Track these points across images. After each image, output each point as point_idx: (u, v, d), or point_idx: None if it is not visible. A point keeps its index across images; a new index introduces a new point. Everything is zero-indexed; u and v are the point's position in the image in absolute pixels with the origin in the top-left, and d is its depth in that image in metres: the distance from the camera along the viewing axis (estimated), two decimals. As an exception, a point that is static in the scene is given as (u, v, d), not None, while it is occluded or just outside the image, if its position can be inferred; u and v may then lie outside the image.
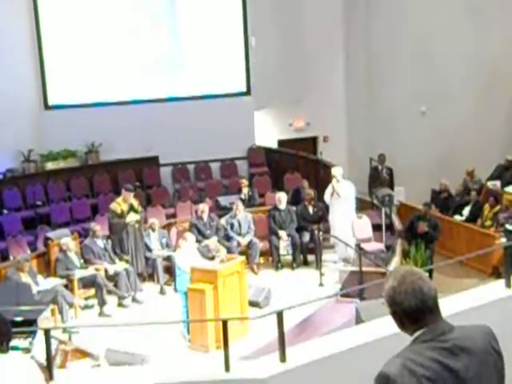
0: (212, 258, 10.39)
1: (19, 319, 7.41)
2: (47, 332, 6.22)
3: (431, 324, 2.63)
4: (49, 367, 6.03)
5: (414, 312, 2.63)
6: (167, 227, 13.23)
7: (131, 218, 11.90)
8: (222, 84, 16.83)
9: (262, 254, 12.87)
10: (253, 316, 9.54)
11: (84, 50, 16.06)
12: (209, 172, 16.67)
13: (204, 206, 12.77)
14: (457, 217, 14.98)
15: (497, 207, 14.26)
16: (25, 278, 10.37)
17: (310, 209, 13.04)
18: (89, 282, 11.13)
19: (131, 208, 11.99)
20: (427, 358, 2.55)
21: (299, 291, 10.80)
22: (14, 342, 6.56)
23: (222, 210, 13.77)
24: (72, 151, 15.98)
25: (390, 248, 12.13)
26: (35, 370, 3.44)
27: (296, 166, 16.33)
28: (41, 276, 11.10)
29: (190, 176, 16.66)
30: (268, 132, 17.97)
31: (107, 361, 8.26)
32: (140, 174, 16.18)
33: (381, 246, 12.38)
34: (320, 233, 12.14)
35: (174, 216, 14.38)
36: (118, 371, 6.92)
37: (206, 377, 6.01)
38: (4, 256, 12.53)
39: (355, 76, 18.21)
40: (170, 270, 11.88)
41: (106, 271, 11.40)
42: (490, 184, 15.57)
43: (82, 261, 11.52)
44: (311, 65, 17.59)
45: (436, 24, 17.31)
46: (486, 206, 14.49)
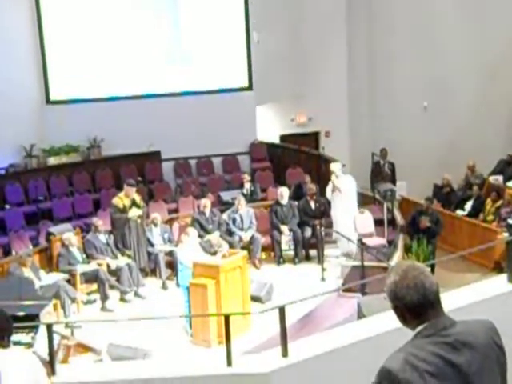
0: (214, 253, 10.37)
1: (22, 314, 7.42)
2: (49, 327, 6.24)
3: (433, 319, 2.63)
4: (51, 362, 6.05)
5: (416, 307, 2.62)
6: (169, 222, 13.24)
7: (133, 213, 11.89)
8: (224, 79, 16.82)
9: (264, 249, 12.88)
10: (255, 311, 9.55)
11: (86, 45, 16.06)
12: (211, 167, 16.67)
13: (206, 201, 12.77)
14: (459, 211, 14.96)
15: (499, 202, 14.25)
16: (27, 273, 10.38)
17: (312, 204, 13.03)
18: (91, 277, 11.13)
19: (133, 203, 11.99)
20: (429, 353, 2.54)
21: (301, 286, 10.78)
22: (17, 337, 6.58)
23: (224, 205, 13.78)
24: (74, 146, 15.98)
25: (392, 243, 12.11)
26: (37, 365, 3.44)
27: (298, 161, 16.31)
28: (43, 271, 11.11)
29: (192, 171, 16.66)
30: (270, 127, 17.95)
31: (109, 355, 8.28)
32: (142, 169, 16.18)
33: (383, 241, 12.36)
34: (322, 228, 12.14)
35: (176, 211, 14.39)
36: (120, 366, 6.93)
37: (209, 371, 6.03)
38: (6, 251, 12.54)
39: (357, 71, 18.17)
40: (172, 265, 11.88)
41: (109, 266, 11.40)
42: (492, 179, 15.56)
43: (85, 256, 11.53)
44: (313, 60, 17.56)
45: (438, 20, 17.27)
46: (488, 201, 14.48)
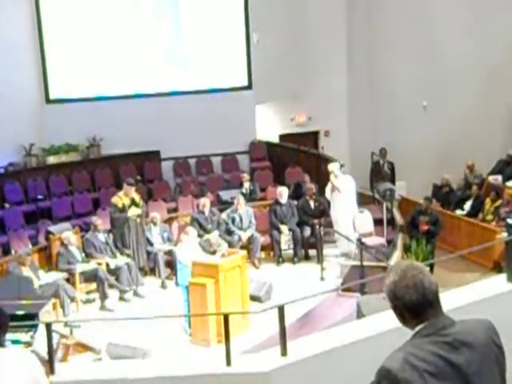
0: (213, 253, 10.37)
1: (21, 313, 7.42)
2: (49, 326, 6.24)
3: (432, 318, 2.63)
4: (50, 361, 6.05)
5: (415, 306, 2.62)
6: (168, 221, 13.24)
7: (133, 212, 11.90)
8: (224, 78, 16.80)
9: (264, 249, 12.88)
10: (254, 310, 9.55)
11: (85, 44, 16.04)
12: (210, 166, 16.66)
13: (205, 201, 12.77)
14: (458, 211, 14.97)
15: (498, 201, 14.25)
16: (26, 272, 10.38)
17: (312, 203, 13.02)
18: (90, 276, 11.13)
19: (133, 202, 11.99)
20: (429, 353, 2.54)
21: (300, 285, 10.78)
22: (16, 336, 6.58)
23: (224, 205, 13.77)
24: (73, 145, 15.97)
25: (392, 242, 12.11)
26: (36, 364, 3.43)
27: (297, 161, 16.31)
28: (42, 270, 11.10)
29: (192, 170, 16.65)
30: (269, 126, 17.95)
31: (108, 355, 8.28)
32: (141, 168, 16.17)
33: (382, 241, 12.36)
34: (321, 227, 12.13)
35: (176, 210, 14.38)
36: (119, 365, 6.92)
37: (208, 371, 6.03)
38: (5, 250, 12.53)
39: (357, 71, 18.17)
40: (172, 265, 11.87)
41: (108, 265, 11.40)
42: (492, 179, 15.56)
43: (84, 255, 11.53)
44: (313, 59, 17.55)
45: (438, 20, 17.26)
46: (488, 201, 14.49)
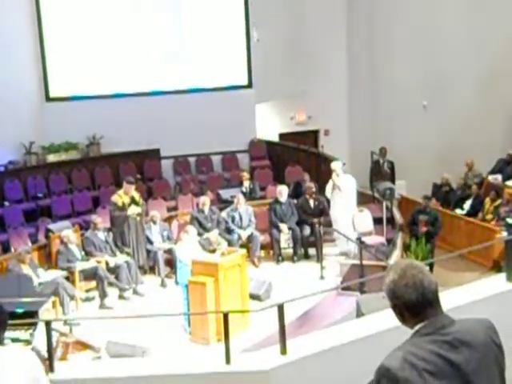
0: (213, 251, 10.38)
1: (20, 311, 7.42)
2: (48, 324, 6.24)
3: (432, 317, 2.63)
4: (49, 359, 6.05)
5: (415, 305, 2.63)
6: (168, 220, 13.23)
7: (132, 211, 11.90)
8: (224, 77, 16.80)
9: (263, 247, 12.87)
10: (254, 309, 9.55)
11: (85, 43, 16.04)
12: (210, 165, 16.66)
13: (205, 199, 12.77)
14: (458, 210, 14.97)
15: (498, 201, 14.25)
16: (26, 270, 10.37)
17: (311, 202, 13.02)
18: (90, 275, 11.13)
19: (132, 201, 11.99)
20: (428, 352, 2.55)
21: (300, 284, 10.77)
22: (15, 334, 6.59)
23: (223, 203, 13.77)
24: (73, 143, 15.97)
25: (391, 241, 12.12)
26: (35, 362, 3.43)
27: (297, 160, 16.31)
28: (42, 268, 11.10)
29: (191, 169, 16.65)
30: (269, 125, 17.95)
31: (108, 353, 8.28)
32: (141, 167, 16.17)
33: (382, 240, 12.36)
34: (321, 226, 12.14)
35: (175, 209, 14.38)
36: (119, 363, 6.93)
37: (207, 369, 6.03)
38: (5, 248, 12.54)
39: (357, 70, 18.17)
40: (171, 263, 11.88)
41: (107, 264, 11.39)
42: (491, 178, 15.56)
43: (83, 253, 11.52)
44: (313, 58, 17.55)
45: (438, 19, 17.23)
46: (487, 200, 14.49)
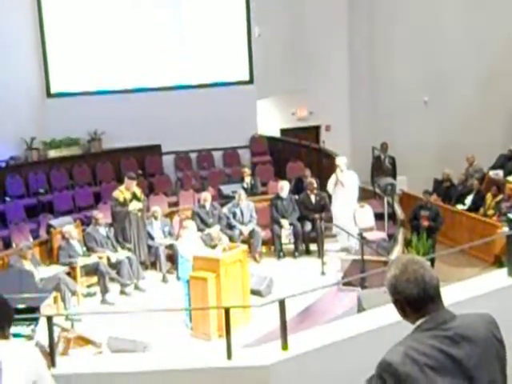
0: (214, 247, 10.38)
1: (22, 306, 7.42)
2: (50, 319, 6.23)
3: (433, 312, 2.63)
4: (51, 354, 6.05)
5: (416, 301, 2.63)
6: (170, 215, 13.24)
7: (134, 207, 11.89)
8: (225, 72, 16.79)
9: (264, 243, 12.88)
10: (255, 304, 9.56)
11: (87, 38, 16.04)
12: (211, 160, 16.67)
13: (206, 195, 12.77)
14: (459, 206, 14.96)
15: (499, 196, 14.25)
16: (27, 266, 10.39)
17: (313, 198, 13.02)
18: (91, 270, 11.15)
19: (134, 196, 11.98)
20: (429, 347, 2.55)
21: (301, 280, 10.77)
22: (17, 329, 6.59)
23: (225, 199, 13.76)
24: (74, 139, 15.99)
25: (392, 237, 12.12)
26: (38, 357, 3.43)
27: (298, 155, 16.30)
28: (43, 264, 11.12)
29: (193, 164, 16.66)
30: (271, 121, 17.94)
31: (109, 348, 8.29)
32: (142, 162, 16.19)
33: (383, 235, 12.37)
34: (322, 222, 12.14)
35: (177, 204, 14.38)
36: (120, 358, 6.93)
37: (208, 364, 6.03)
38: (7, 243, 12.56)
39: (358, 66, 18.16)
40: (173, 259, 11.89)
41: (109, 259, 11.40)
42: (493, 173, 15.55)
43: (85, 249, 11.54)
44: (314, 54, 17.54)
45: (439, 16, 17.21)
46: (489, 195, 14.48)
